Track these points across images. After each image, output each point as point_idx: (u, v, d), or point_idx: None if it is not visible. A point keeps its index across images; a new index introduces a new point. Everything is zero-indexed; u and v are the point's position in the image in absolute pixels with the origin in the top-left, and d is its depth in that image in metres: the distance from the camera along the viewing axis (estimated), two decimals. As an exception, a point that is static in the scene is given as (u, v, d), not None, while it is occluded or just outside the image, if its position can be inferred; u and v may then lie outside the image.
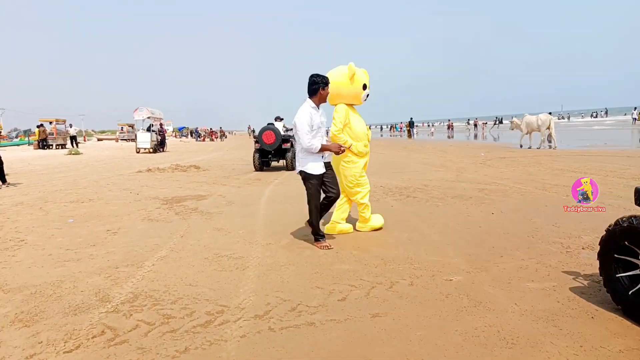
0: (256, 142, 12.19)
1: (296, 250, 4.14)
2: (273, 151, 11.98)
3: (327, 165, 4.27)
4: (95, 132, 64.29)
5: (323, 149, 4.09)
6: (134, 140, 26.48)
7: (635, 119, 37.97)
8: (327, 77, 4.13)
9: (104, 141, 43.55)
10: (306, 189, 4.23)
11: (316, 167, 4.12)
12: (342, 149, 4.16)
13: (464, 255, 3.91)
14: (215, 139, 46.75)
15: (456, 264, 3.68)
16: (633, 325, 2.52)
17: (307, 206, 4.34)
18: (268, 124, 12.29)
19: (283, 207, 6.42)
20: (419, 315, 2.73)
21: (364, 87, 4.50)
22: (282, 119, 13.11)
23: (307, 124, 4.00)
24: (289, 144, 11.96)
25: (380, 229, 4.80)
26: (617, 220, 2.65)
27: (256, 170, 12.13)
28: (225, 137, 54.32)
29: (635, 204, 2.86)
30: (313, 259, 3.87)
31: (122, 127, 45.15)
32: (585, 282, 3.21)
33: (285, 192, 8.00)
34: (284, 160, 12.37)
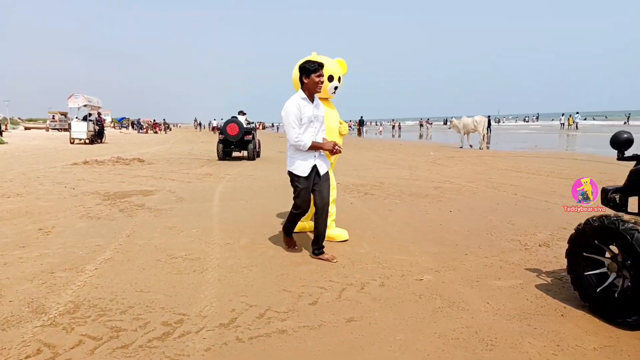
0: (220, 133, 13.40)
1: (258, 250, 3.88)
2: (235, 142, 13.09)
3: (320, 174, 3.63)
4: (22, 120, 59.09)
5: (314, 146, 3.51)
6: (67, 130, 24.57)
7: (563, 124, 40.99)
8: (314, 64, 3.49)
9: (32, 130, 40.08)
10: (293, 192, 3.69)
11: (304, 168, 3.55)
12: (336, 148, 3.57)
13: (429, 253, 3.86)
14: (159, 132, 44.68)
15: (423, 262, 3.62)
16: (602, 323, 2.55)
17: (261, 204, 4.06)
18: (232, 117, 13.47)
19: (239, 204, 6.10)
20: (395, 318, 2.61)
21: (330, 78, 4.18)
22: (245, 113, 13.97)
23: (293, 116, 3.45)
24: (250, 136, 13.21)
25: (341, 241, 4.20)
26: (588, 220, 2.67)
27: (219, 159, 13.20)
28: (170, 130, 52.21)
29: (602, 203, 2.92)
30: (277, 260, 3.64)
31: (53, 116, 41.88)
32: (549, 279, 3.26)
33: (239, 188, 7.67)
34: (246, 151, 13.38)
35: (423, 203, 6.20)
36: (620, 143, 2.76)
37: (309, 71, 3.48)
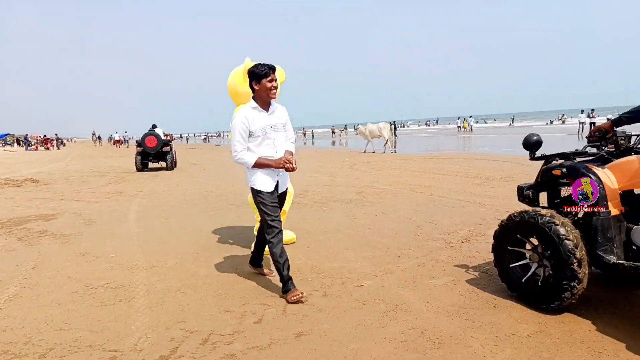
0: (138, 146, 14.19)
1: (189, 271, 3.64)
2: (154, 154, 13.93)
3: (279, 191, 3.27)
4: None
5: (259, 164, 3.07)
6: (-64, 149, 21.12)
7: (459, 127, 44.92)
8: (264, 67, 3.04)
9: None
10: (258, 212, 3.18)
11: (266, 182, 3.12)
12: (287, 165, 3.10)
13: (364, 258, 3.93)
14: (51, 148, 40.46)
15: (360, 268, 3.67)
16: (530, 310, 2.76)
17: (183, 221, 3.83)
18: (149, 130, 14.28)
19: (158, 223, 5.69)
20: (343, 328, 2.59)
21: None
22: (157, 127, 14.82)
23: (238, 130, 3.03)
24: (168, 147, 14.17)
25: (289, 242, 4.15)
26: (510, 216, 2.90)
27: (138, 170, 13.78)
28: (64, 145, 47.58)
29: (518, 200, 3.21)
30: (212, 279, 3.44)
31: None
32: (477, 274, 3.48)
33: (156, 205, 7.17)
34: (164, 162, 14.26)
35: (349, 208, 6.33)
36: (531, 145, 3.06)
37: (259, 76, 3.04)
